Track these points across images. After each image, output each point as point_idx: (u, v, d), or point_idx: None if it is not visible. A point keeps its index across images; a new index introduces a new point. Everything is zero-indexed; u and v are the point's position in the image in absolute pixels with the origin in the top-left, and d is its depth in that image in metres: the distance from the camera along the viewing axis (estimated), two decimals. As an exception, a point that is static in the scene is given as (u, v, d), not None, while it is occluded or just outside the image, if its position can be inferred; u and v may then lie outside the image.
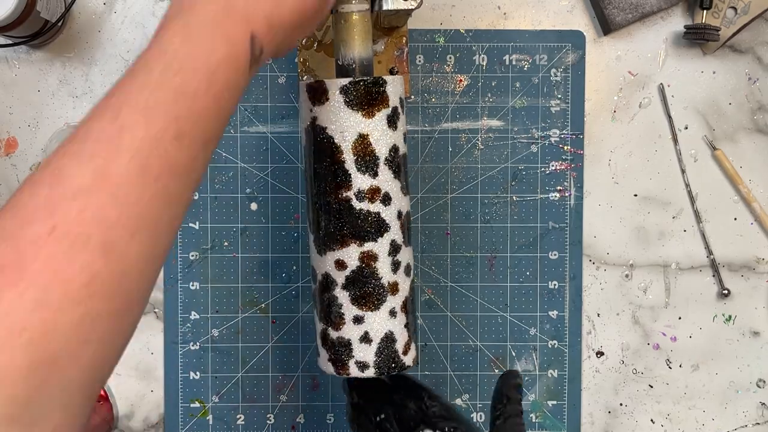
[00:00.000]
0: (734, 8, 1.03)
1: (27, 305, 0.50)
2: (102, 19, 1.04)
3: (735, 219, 1.06)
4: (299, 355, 1.05)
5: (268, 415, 1.05)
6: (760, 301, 1.06)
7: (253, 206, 1.04)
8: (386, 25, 0.97)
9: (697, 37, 1.02)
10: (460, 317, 1.05)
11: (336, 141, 0.79)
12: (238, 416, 1.05)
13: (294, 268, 1.05)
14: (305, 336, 1.05)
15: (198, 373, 1.05)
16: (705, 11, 1.03)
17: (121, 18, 1.04)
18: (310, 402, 1.06)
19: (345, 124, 0.79)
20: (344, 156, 0.79)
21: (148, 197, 0.56)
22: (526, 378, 1.06)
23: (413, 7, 0.86)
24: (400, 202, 0.83)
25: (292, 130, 1.04)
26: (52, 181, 0.53)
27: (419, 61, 1.04)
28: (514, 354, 1.05)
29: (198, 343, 1.05)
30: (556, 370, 1.06)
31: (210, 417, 1.05)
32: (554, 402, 1.06)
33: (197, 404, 1.05)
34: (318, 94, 0.79)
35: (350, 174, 0.79)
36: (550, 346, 1.05)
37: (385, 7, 0.85)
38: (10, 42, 0.99)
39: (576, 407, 1.06)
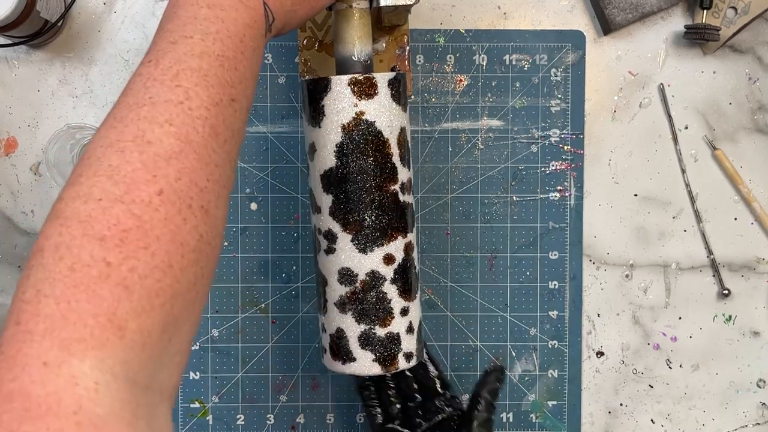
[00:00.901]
0: (734, 8, 1.03)
1: (159, 268, 0.52)
2: (102, 19, 1.04)
3: (735, 219, 1.06)
4: (299, 355, 1.05)
5: (268, 415, 1.05)
6: (760, 301, 1.06)
7: (253, 206, 1.04)
8: (387, 23, 0.97)
9: (697, 37, 1.02)
10: (460, 317, 1.05)
11: (385, 135, 0.80)
12: (238, 416, 1.05)
13: (294, 268, 1.05)
14: (305, 336, 1.05)
15: (198, 373, 1.05)
16: (705, 11, 1.02)
17: (121, 18, 1.04)
18: (310, 402, 1.05)
19: (392, 118, 0.80)
20: (392, 149, 0.81)
21: (221, 161, 0.59)
22: (526, 378, 1.06)
23: (411, 3, 0.87)
24: None
25: (292, 130, 1.04)
26: (138, 144, 0.55)
27: (419, 60, 1.04)
28: (514, 354, 1.05)
29: (198, 343, 1.04)
30: (556, 371, 1.05)
31: (210, 417, 1.05)
32: (554, 402, 1.05)
33: (197, 404, 1.05)
34: (367, 88, 0.79)
35: (396, 167, 0.81)
36: (550, 346, 1.05)
37: (383, 3, 0.85)
38: (10, 42, 0.99)
39: (576, 407, 1.06)
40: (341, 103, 0.80)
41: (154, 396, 0.53)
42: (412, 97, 1.04)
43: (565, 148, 1.04)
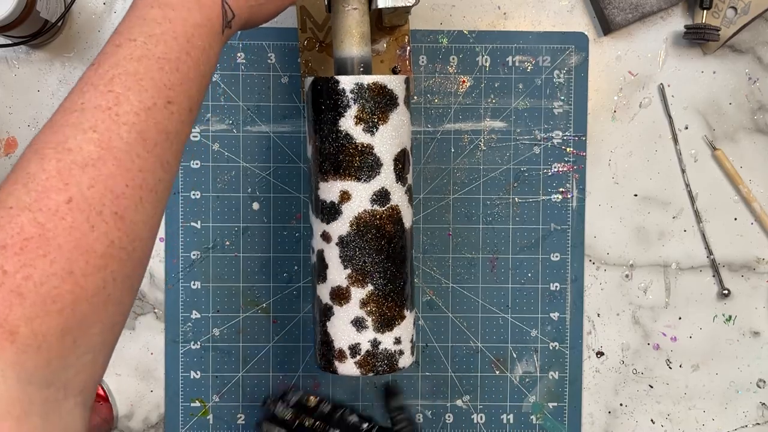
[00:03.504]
0: (734, 8, 1.03)
1: (57, 275, 0.53)
2: (102, 19, 1.03)
3: (735, 219, 1.06)
4: (300, 355, 1.05)
5: (269, 415, 1.05)
6: (760, 301, 1.07)
7: (255, 206, 1.04)
8: (388, 24, 0.97)
9: (697, 37, 1.02)
10: (461, 318, 1.05)
11: None
12: (238, 416, 1.05)
13: (295, 267, 1.05)
14: (306, 336, 1.05)
15: (199, 372, 1.05)
16: (705, 11, 1.03)
17: (121, 18, 1.03)
18: (311, 402, 1.06)
19: None
20: None
21: (148, 166, 0.59)
22: (527, 380, 1.06)
23: (410, 5, 0.87)
24: None
25: (294, 129, 1.04)
26: (58, 152, 0.56)
27: (422, 61, 1.04)
28: (515, 355, 1.05)
29: (199, 343, 1.05)
30: (557, 372, 1.06)
31: (210, 416, 1.05)
32: (555, 404, 1.06)
33: (198, 403, 1.05)
34: None
35: None
36: (551, 347, 1.06)
37: (381, 5, 0.85)
38: (10, 42, 0.98)
39: (576, 409, 1.06)
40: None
41: (58, 393, 0.54)
42: (415, 98, 1.04)
43: (568, 150, 1.04)
